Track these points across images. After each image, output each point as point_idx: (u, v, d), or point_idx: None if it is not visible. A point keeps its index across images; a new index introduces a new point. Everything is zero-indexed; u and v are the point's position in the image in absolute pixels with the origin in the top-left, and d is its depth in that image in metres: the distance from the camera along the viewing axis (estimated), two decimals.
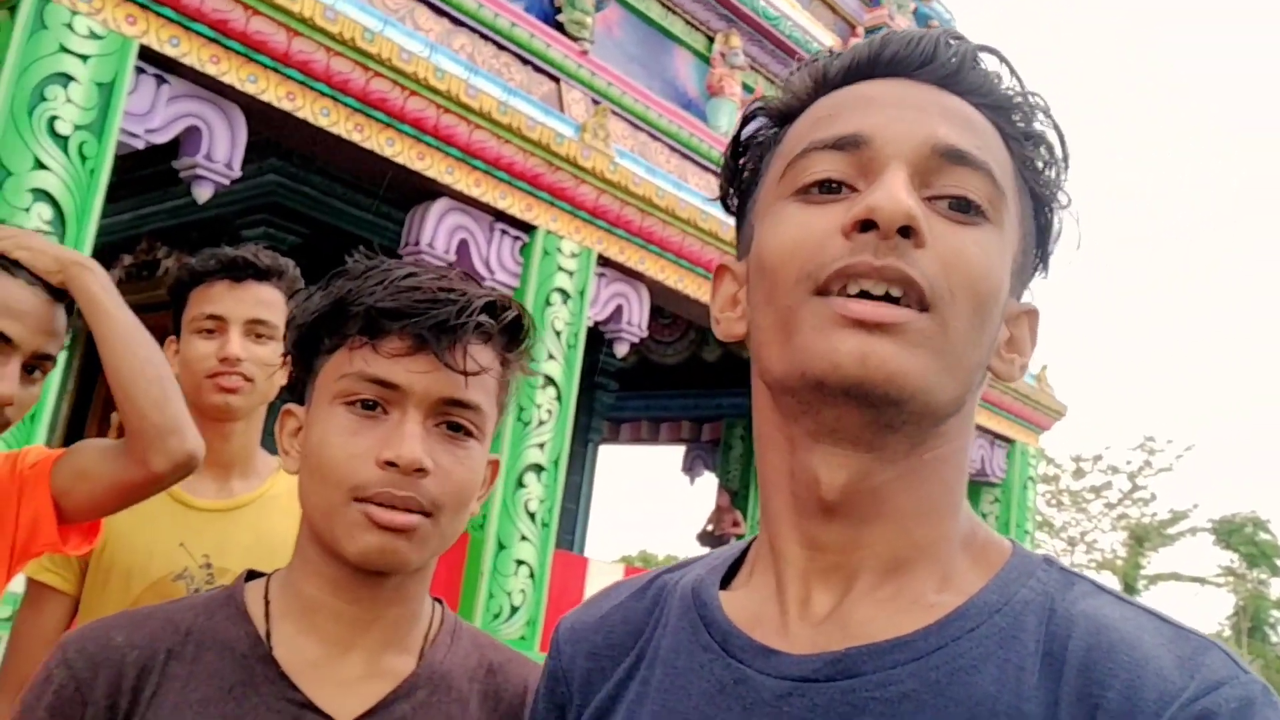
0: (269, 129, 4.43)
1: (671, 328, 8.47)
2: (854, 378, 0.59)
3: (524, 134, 4.92)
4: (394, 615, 0.93)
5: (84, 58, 3.68)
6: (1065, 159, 0.68)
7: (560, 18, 5.61)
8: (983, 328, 0.62)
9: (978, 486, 8.86)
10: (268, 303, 1.61)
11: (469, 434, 0.92)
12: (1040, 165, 0.68)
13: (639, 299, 5.76)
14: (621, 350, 5.75)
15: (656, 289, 5.84)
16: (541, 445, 5.18)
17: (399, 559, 0.88)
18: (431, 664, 0.94)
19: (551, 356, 5.22)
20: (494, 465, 1.00)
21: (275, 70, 4.16)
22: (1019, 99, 0.67)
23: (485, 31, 5.01)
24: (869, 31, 8.79)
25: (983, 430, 8.45)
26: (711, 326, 0.73)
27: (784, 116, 0.71)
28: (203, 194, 4.16)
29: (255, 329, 1.60)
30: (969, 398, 0.65)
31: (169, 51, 3.89)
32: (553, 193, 5.16)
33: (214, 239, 6.38)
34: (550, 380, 5.19)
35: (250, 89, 4.10)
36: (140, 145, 3.96)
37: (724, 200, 0.75)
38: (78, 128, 3.67)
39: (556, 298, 5.24)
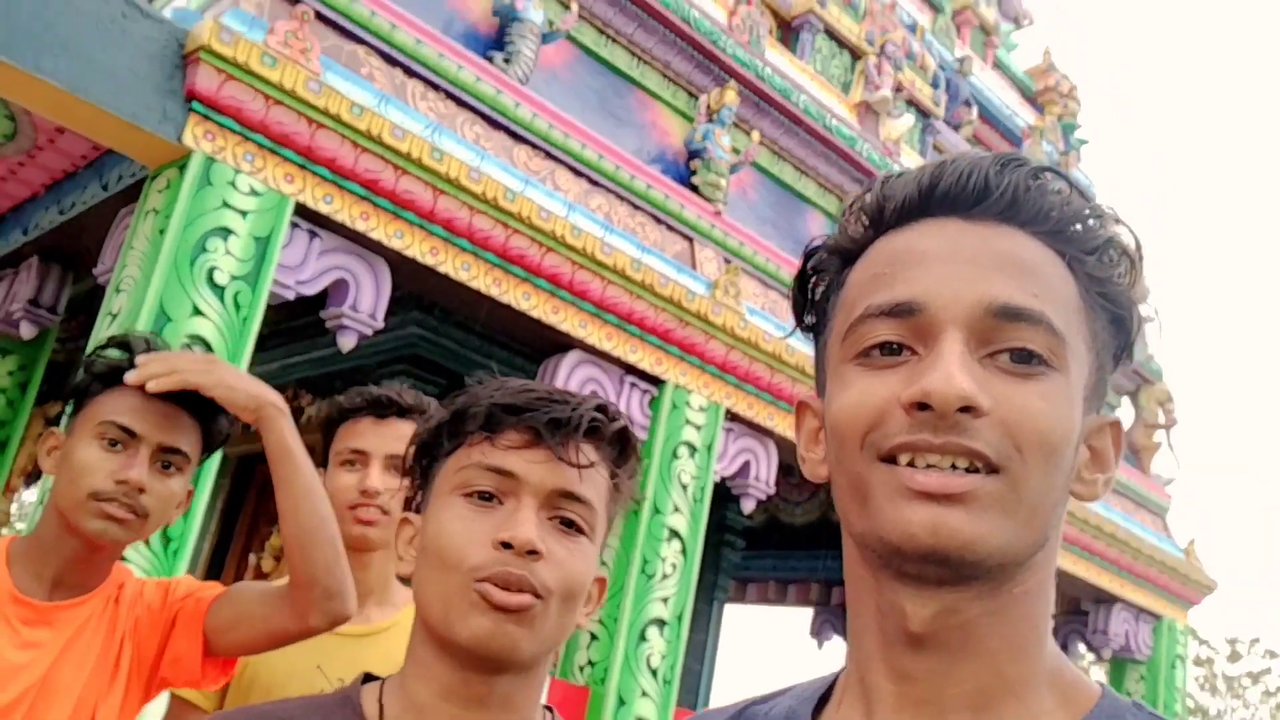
0: (413, 283, 4.60)
1: (801, 487, 8.24)
2: (927, 547, 0.60)
3: (656, 290, 4.97)
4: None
5: (244, 213, 3.91)
6: (1136, 258, 0.68)
7: (695, 180, 5.74)
8: (1056, 472, 0.63)
9: (1122, 663, 8.25)
10: (408, 438, 1.68)
11: (580, 530, 0.95)
12: (1109, 274, 0.67)
13: (767, 455, 5.63)
14: (748, 506, 5.59)
15: (785, 446, 5.70)
16: (665, 600, 5.02)
17: (510, 642, 0.89)
18: None
19: (677, 510, 5.11)
20: (601, 583, 1.02)
21: (421, 227, 4.33)
22: (1078, 215, 0.67)
23: (621, 192, 5.15)
24: None
25: (1127, 604, 7.88)
26: (799, 463, 0.75)
27: (846, 256, 0.73)
28: (347, 343, 4.30)
29: (395, 463, 1.65)
30: (1049, 534, 0.65)
31: (322, 208, 4.11)
32: (683, 348, 5.16)
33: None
34: (675, 534, 5.06)
35: (396, 244, 4.28)
36: (290, 296, 4.14)
37: (802, 328, 0.77)
38: (234, 278, 3.87)
39: (684, 451, 5.16)
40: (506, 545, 0.89)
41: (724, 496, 5.88)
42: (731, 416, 5.43)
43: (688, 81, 5.96)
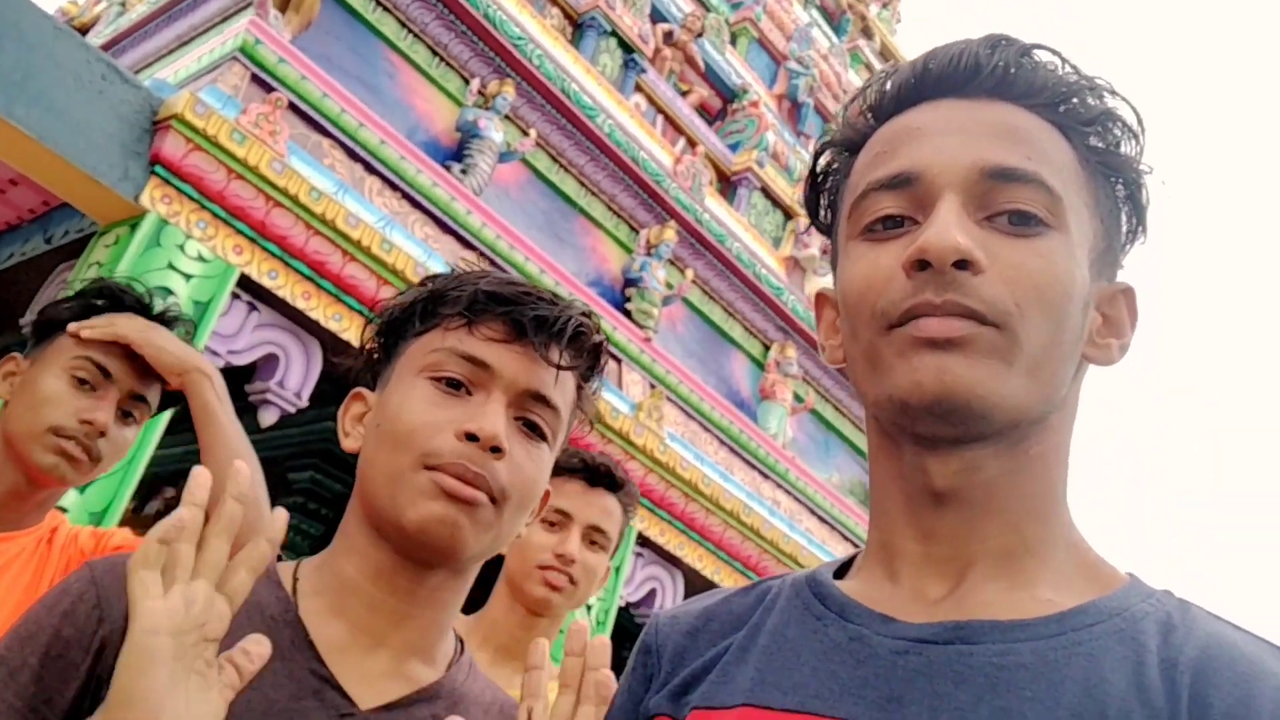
0: (343, 368, 4.62)
1: None
2: (932, 393, 0.62)
3: None
4: (427, 619, 0.89)
5: (188, 277, 3.95)
6: (1137, 129, 0.69)
7: (629, 306, 5.94)
8: (1060, 329, 0.64)
9: None
10: (611, 514, 1.70)
11: (543, 436, 0.91)
12: (1109, 144, 0.69)
13: (674, 585, 5.64)
14: None
15: (691, 580, 5.72)
16: None
17: (458, 533, 0.84)
18: (453, 681, 0.90)
19: None
20: (547, 494, 0.98)
21: (361, 313, 4.40)
22: (1071, 87, 0.68)
23: None
24: None
25: None
26: (819, 352, 0.79)
27: (850, 147, 0.76)
28: (268, 418, 4.28)
29: (593, 535, 1.66)
30: (1063, 394, 0.66)
31: (266, 282, 4.16)
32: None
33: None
34: None
35: (334, 326, 4.33)
36: (220, 364, 4.13)
37: (816, 226, 0.80)
38: None
39: None
40: (471, 437, 0.84)
41: (622, 634, 5.83)
42: (642, 541, 5.46)
43: (630, 215, 6.24)
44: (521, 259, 5.11)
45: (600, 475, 1.70)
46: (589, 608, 5.10)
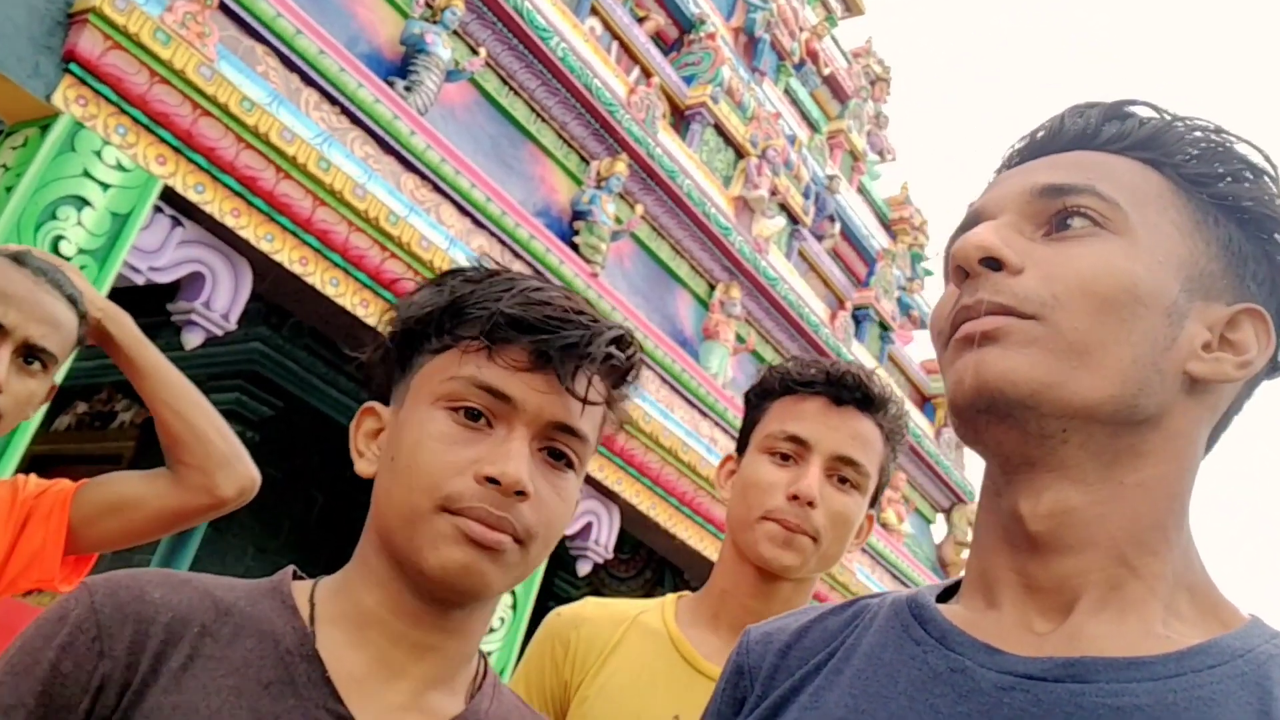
0: (274, 290, 4.40)
1: (630, 563, 8.20)
2: (971, 388, 0.62)
3: None
4: (451, 649, 0.84)
5: (105, 186, 3.67)
6: (1260, 166, 0.67)
7: (576, 239, 5.77)
8: (1122, 323, 0.61)
9: None
10: (867, 441, 1.29)
11: (570, 464, 0.86)
12: (1212, 173, 0.66)
13: (610, 520, 5.59)
14: (584, 569, 5.51)
15: (628, 513, 5.68)
16: (490, 654, 4.83)
17: (482, 580, 0.80)
18: (477, 711, 0.85)
19: None
20: None
21: (294, 234, 4.17)
22: (1163, 128, 0.67)
23: (503, 237, 5.11)
24: (856, 309, 9.16)
25: None
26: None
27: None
28: (192, 340, 4.05)
29: (840, 469, 1.26)
30: (1152, 404, 0.62)
31: (192, 197, 3.90)
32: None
33: None
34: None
35: (265, 247, 4.09)
36: (140, 281, 3.89)
37: None
38: (82, 251, 3.61)
39: None
40: (492, 480, 0.79)
41: (555, 561, 5.78)
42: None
43: (581, 146, 6.03)
44: (467, 185, 4.89)
45: (849, 390, 1.28)
46: None
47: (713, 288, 7.01)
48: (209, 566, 5.83)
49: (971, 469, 10.03)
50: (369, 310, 4.41)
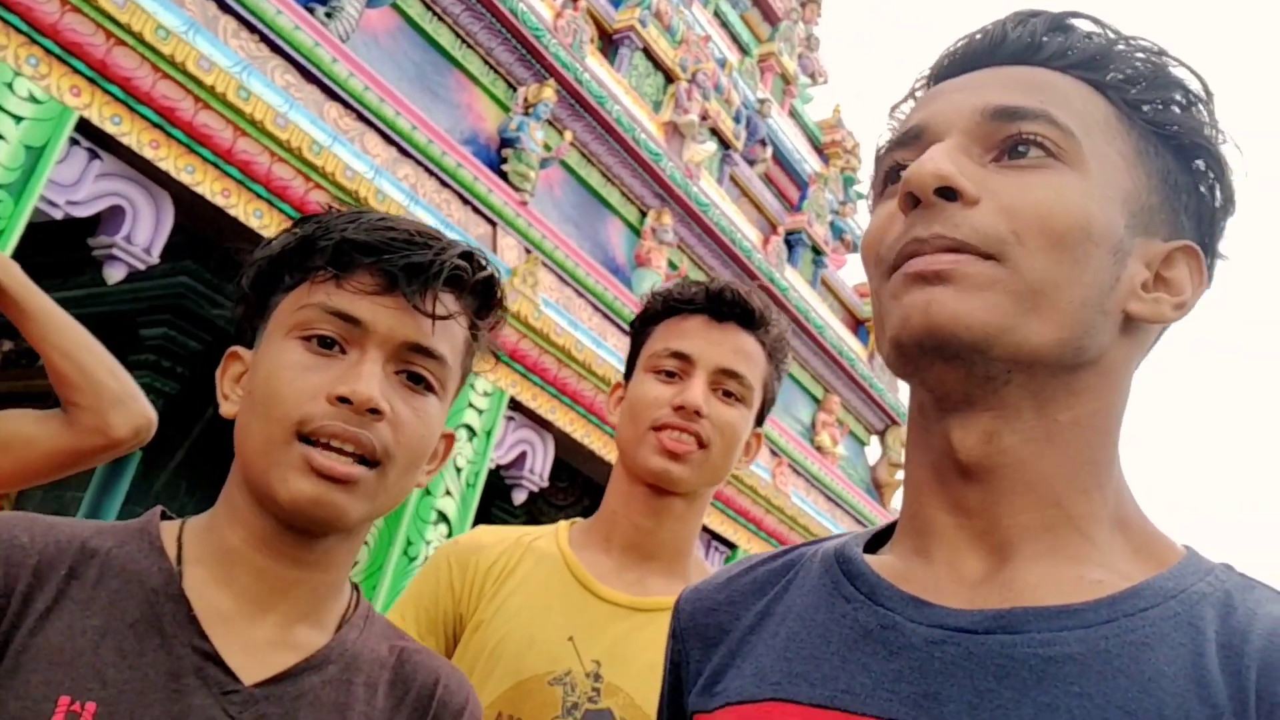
0: (196, 223, 4.35)
1: (567, 491, 8.34)
2: (920, 327, 0.59)
3: None
4: (316, 581, 0.85)
5: (17, 119, 3.59)
6: (1195, 93, 0.65)
7: (505, 167, 5.75)
8: (1075, 264, 0.60)
9: None
10: (748, 355, 1.31)
11: (430, 388, 0.86)
12: (1156, 102, 0.64)
13: (544, 449, 5.68)
14: (519, 498, 5.61)
15: (562, 442, 5.77)
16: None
17: (335, 510, 0.80)
18: (344, 642, 0.86)
19: (448, 493, 5.06)
20: (448, 439, 0.94)
21: (215, 165, 4.12)
22: (1109, 49, 0.65)
23: (430, 166, 5.09)
24: (788, 233, 9.25)
25: None
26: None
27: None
28: (114, 275, 4.01)
29: (724, 382, 1.28)
30: (1093, 345, 0.61)
31: (109, 129, 3.83)
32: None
33: (109, 335, 6.15)
34: (443, 517, 5.01)
35: (186, 179, 4.04)
36: (58, 215, 3.83)
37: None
38: None
39: (462, 434, 5.13)
40: (344, 400, 0.79)
41: (493, 489, 5.87)
42: (514, 405, 5.45)
43: (508, 72, 5.98)
44: (391, 113, 4.85)
45: (729, 307, 1.30)
46: (458, 469, 5.10)
47: (644, 214, 7.05)
48: (142, 503, 5.83)
49: (905, 391, 10.27)
50: None
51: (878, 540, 0.72)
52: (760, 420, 1.37)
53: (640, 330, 1.37)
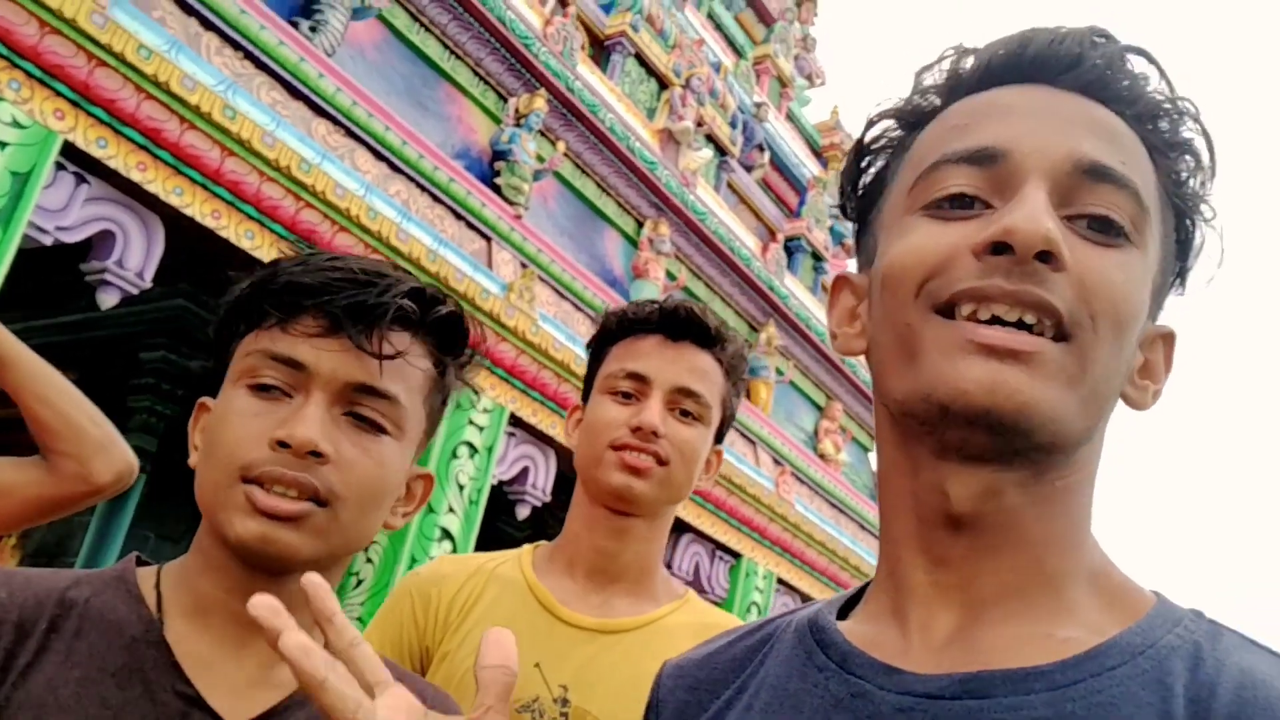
0: (188, 245, 4.30)
1: None
2: (982, 407, 0.56)
3: (451, 284, 4.88)
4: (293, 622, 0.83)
5: (3, 145, 3.54)
6: (1212, 169, 0.63)
7: (498, 180, 5.70)
8: (1119, 355, 0.59)
9: None
10: (705, 373, 1.31)
11: (382, 429, 0.85)
12: (1184, 176, 0.63)
13: (546, 463, 5.62)
14: (523, 513, 5.56)
15: (564, 456, 5.71)
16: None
17: (286, 548, 0.80)
18: None
19: (452, 510, 5.00)
20: (426, 480, 0.94)
21: (204, 186, 4.07)
22: (1168, 106, 0.63)
23: (422, 181, 5.04)
24: (788, 240, 9.19)
25: (699, 536, 8.13)
26: (829, 341, 0.71)
27: (914, 121, 0.68)
28: (107, 300, 3.96)
29: (681, 402, 1.28)
30: (1101, 426, 0.61)
31: (95, 152, 3.78)
32: (472, 346, 5.08)
33: (108, 359, 6.11)
34: (447, 534, 4.95)
35: (175, 201, 3.99)
36: (48, 242, 3.78)
37: (843, 207, 0.72)
38: None
39: (464, 451, 5.07)
40: (284, 445, 0.80)
41: (497, 505, 5.82)
42: (514, 421, 5.39)
43: (498, 83, 5.93)
44: (381, 129, 4.80)
45: (684, 326, 1.30)
46: (460, 486, 5.05)
47: (641, 225, 7.00)
48: (149, 525, 5.78)
49: None
50: None
51: (853, 602, 0.71)
52: (720, 438, 1.37)
53: (596, 351, 1.37)
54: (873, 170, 0.70)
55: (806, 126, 10.08)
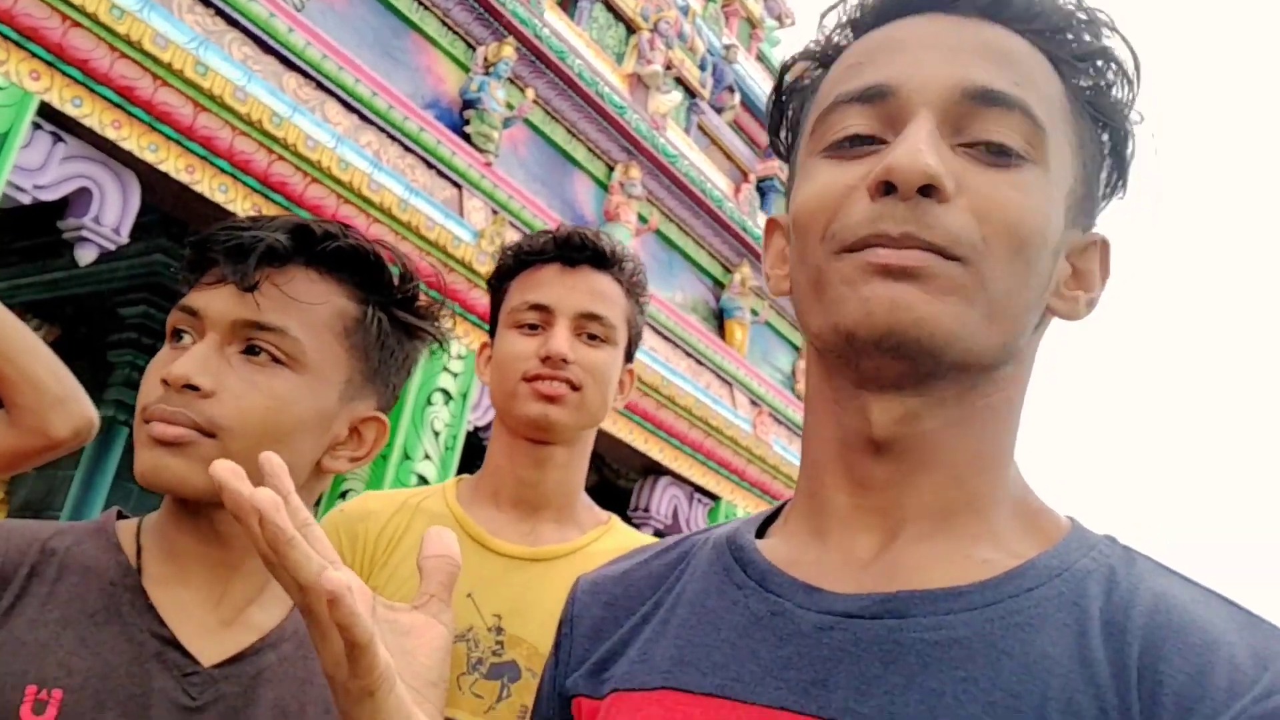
0: (164, 201, 4.41)
1: None
2: (884, 325, 0.56)
3: (422, 233, 5.00)
4: (255, 564, 0.90)
5: None
6: (1133, 74, 0.63)
7: (468, 129, 5.79)
8: (1028, 270, 0.59)
9: None
10: (606, 296, 1.32)
11: (276, 360, 0.87)
12: (1100, 86, 0.63)
13: None
14: None
15: None
16: None
17: (169, 475, 0.84)
18: (298, 620, 0.91)
19: (427, 457, 5.17)
20: (379, 424, 0.95)
21: (178, 142, 4.17)
22: (1071, 20, 0.62)
23: (392, 131, 5.13)
24: (760, 180, 9.29)
25: (677, 479, 8.20)
26: (765, 281, 0.72)
27: (824, 60, 0.68)
28: (86, 257, 4.08)
29: (587, 326, 1.30)
30: (1023, 343, 0.62)
31: (70, 111, 3.88)
32: (447, 294, 5.20)
33: (90, 315, 6.20)
34: (424, 480, 5.12)
35: (150, 157, 4.09)
36: (26, 200, 3.89)
37: (775, 148, 0.73)
38: None
39: (438, 398, 5.23)
40: (165, 383, 0.84)
41: (473, 451, 5.98)
42: None
43: (466, 32, 5.99)
44: (351, 81, 4.88)
45: (579, 250, 1.31)
46: (436, 433, 5.21)
47: (611, 169, 7.10)
48: (133, 478, 5.93)
49: None
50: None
51: (770, 522, 0.71)
52: (629, 357, 1.39)
53: (497, 287, 1.38)
54: (792, 111, 0.71)
55: (777, 67, 10.10)
